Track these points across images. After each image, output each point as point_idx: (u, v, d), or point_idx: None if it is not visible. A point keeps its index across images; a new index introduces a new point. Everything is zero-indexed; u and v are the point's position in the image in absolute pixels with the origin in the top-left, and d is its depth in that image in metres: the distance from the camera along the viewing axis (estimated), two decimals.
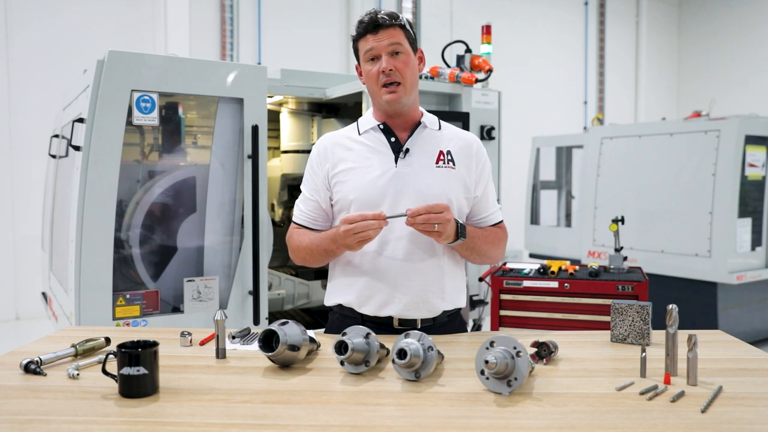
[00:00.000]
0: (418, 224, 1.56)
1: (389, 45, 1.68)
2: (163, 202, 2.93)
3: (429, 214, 1.55)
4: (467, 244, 1.70)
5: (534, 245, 6.74)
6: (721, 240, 4.73)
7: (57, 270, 3.36)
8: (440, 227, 1.56)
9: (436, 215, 1.56)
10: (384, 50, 1.69)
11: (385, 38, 1.68)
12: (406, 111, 1.76)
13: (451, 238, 1.63)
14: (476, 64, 3.56)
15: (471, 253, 1.75)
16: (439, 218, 1.56)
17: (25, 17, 6.19)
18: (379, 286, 1.70)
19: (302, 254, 1.78)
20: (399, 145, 1.75)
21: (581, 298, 2.96)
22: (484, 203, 1.82)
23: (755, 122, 4.84)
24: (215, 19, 7.37)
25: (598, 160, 5.74)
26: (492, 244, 1.80)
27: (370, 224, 1.56)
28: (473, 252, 1.75)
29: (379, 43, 1.68)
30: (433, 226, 1.55)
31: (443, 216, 1.56)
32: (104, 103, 2.63)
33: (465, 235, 1.67)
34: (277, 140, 3.95)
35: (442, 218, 1.56)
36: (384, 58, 1.69)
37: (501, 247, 1.84)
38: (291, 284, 3.77)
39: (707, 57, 10.75)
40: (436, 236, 1.59)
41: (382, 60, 1.69)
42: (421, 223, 1.55)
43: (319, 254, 1.74)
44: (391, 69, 1.68)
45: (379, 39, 1.68)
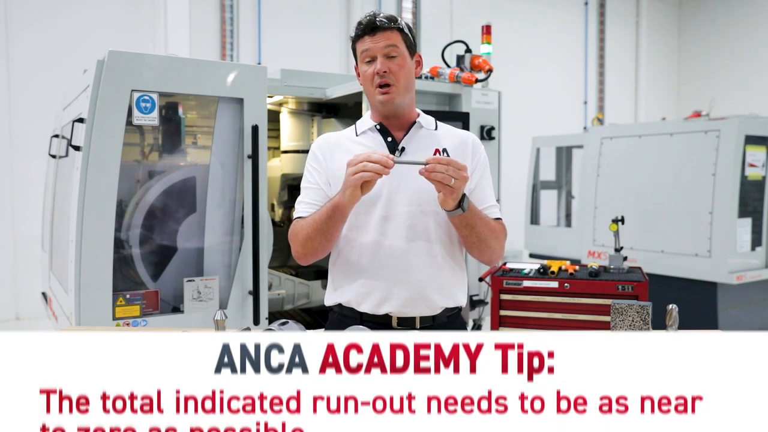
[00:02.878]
0: (438, 172, 1.53)
1: (385, 47, 1.71)
2: (163, 202, 2.93)
3: (449, 166, 1.53)
4: (467, 219, 1.67)
5: (534, 245, 6.74)
6: (721, 240, 4.72)
7: (57, 270, 3.36)
8: (456, 183, 1.54)
9: (455, 169, 1.54)
10: (380, 52, 1.71)
11: (382, 40, 1.70)
12: (401, 112, 1.78)
13: (455, 203, 1.61)
14: (476, 64, 3.56)
15: (470, 233, 1.70)
16: (458, 174, 1.54)
17: (25, 17, 6.19)
18: (377, 283, 1.71)
19: (305, 233, 1.71)
20: (395, 145, 1.77)
21: (581, 298, 2.96)
22: (479, 196, 1.80)
23: (755, 122, 4.84)
24: (215, 19, 7.37)
25: (598, 160, 5.74)
26: (492, 232, 1.76)
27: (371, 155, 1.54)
28: (472, 232, 1.70)
29: (375, 44, 1.71)
30: (450, 179, 1.53)
31: (462, 173, 1.55)
32: (104, 103, 2.63)
33: (466, 206, 1.64)
34: (277, 140, 3.95)
35: (460, 175, 1.55)
36: (379, 59, 1.71)
37: (500, 241, 1.81)
38: (291, 284, 3.77)
39: (707, 57, 10.76)
40: (448, 192, 1.56)
41: (378, 62, 1.71)
42: (441, 172, 1.53)
43: (323, 221, 1.67)
44: (385, 71, 1.70)
45: (376, 41, 1.71)
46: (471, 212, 1.67)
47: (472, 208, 1.68)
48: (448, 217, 1.68)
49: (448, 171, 1.53)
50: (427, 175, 1.54)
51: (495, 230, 1.78)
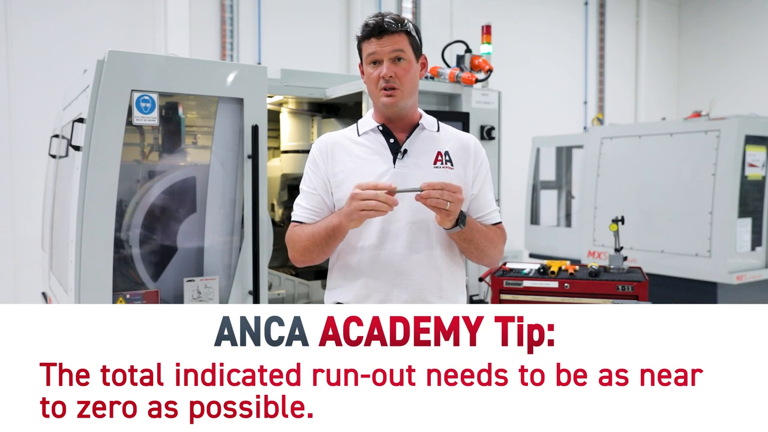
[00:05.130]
0: (433, 198, 1.55)
1: (392, 51, 1.70)
2: (163, 202, 2.93)
3: (444, 190, 1.55)
4: (465, 234, 1.69)
5: (534, 245, 6.74)
6: (721, 240, 4.72)
7: (57, 270, 3.36)
8: (451, 206, 1.56)
9: (450, 192, 1.56)
10: (386, 56, 1.70)
11: (389, 44, 1.70)
12: (404, 114, 1.78)
13: (452, 223, 1.63)
14: (476, 64, 3.56)
15: (469, 245, 1.74)
16: (453, 197, 1.56)
17: (25, 17, 6.18)
18: (377, 285, 1.71)
19: (303, 244, 1.73)
20: (398, 146, 1.77)
21: (581, 298, 2.96)
22: (481, 202, 1.82)
23: (755, 122, 4.84)
24: (215, 19, 7.36)
25: (598, 160, 5.74)
26: (490, 242, 1.79)
27: (379, 195, 1.55)
28: (471, 245, 1.74)
29: (382, 48, 1.70)
30: (445, 203, 1.55)
31: (456, 196, 1.57)
32: (104, 103, 2.63)
33: (464, 223, 1.66)
34: (277, 140, 3.95)
35: (455, 198, 1.57)
36: (386, 63, 1.70)
37: (499, 248, 1.84)
38: (291, 284, 3.77)
39: (707, 57, 10.75)
40: (444, 215, 1.59)
41: (384, 65, 1.70)
42: (436, 197, 1.55)
43: (322, 239, 1.69)
44: (391, 75, 1.70)
45: (383, 44, 1.70)
46: (469, 227, 1.70)
47: (470, 223, 1.71)
48: (446, 234, 1.71)
49: (443, 196, 1.55)
50: (422, 201, 1.57)
51: (493, 240, 1.80)
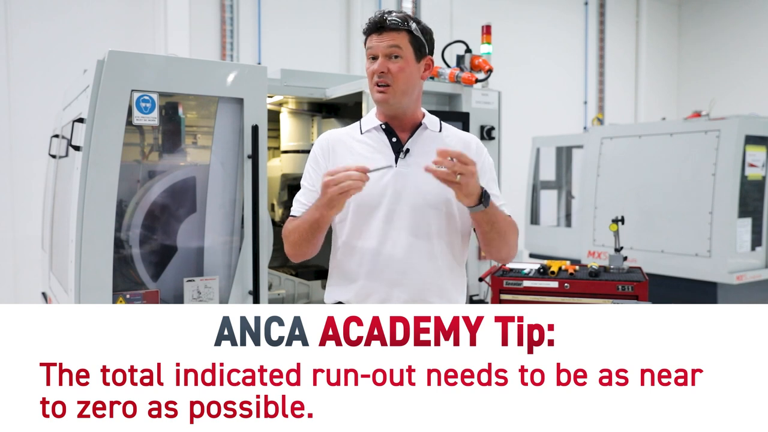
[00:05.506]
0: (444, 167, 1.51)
1: (387, 47, 1.70)
2: (163, 202, 2.93)
3: (458, 160, 1.51)
4: (489, 215, 1.65)
5: (534, 245, 6.74)
6: (721, 240, 4.72)
7: (57, 270, 3.36)
8: (462, 178, 1.52)
9: (462, 165, 1.52)
10: (382, 52, 1.71)
11: (386, 40, 1.70)
12: (401, 112, 1.78)
13: (473, 198, 1.58)
14: (476, 64, 3.56)
15: (492, 229, 1.69)
16: (465, 169, 1.52)
17: (25, 17, 6.18)
18: (377, 285, 1.70)
19: (293, 237, 1.73)
20: (400, 146, 1.76)
21: (581, 298, 2.96)
22: None
23: (755, 122, 4.84)
24: (215, 19, 7.36)
25: (598, 160, 5.74)
26: (510, 226, 1.76)
27: (351, 174, 1.53)
28: (494, 228, 1.69)
29: (379, 43, 1.71)
30: (455, 175, 1.51)
31: (469, 168, 1.53)
32: (104, 103, 2.63)
33: (488, 202, 1.62)
34: (277, 140, 3.95)
35: (467, 170, 1.52)
36: (380, 59, 1.71)
37: (516, 237, 1.80)
38: (291, 284, 3.77)
39: (707, 57, 10.75)
40: (456, 188, 1.55)
41: (378, 61, 1.71)
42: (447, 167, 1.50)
43: (306, 229, 1.69)
44: (383, 71, 1.70)
45: (381, 40, 1.70)
46: (493, 208, 1.66)
47: (493, 207, 1.67)
48: (470, 214, 1.67)
49: (454, 167, 1.51)
50: (432, 171, 1.53)
51: (513, 225, 1.78)
